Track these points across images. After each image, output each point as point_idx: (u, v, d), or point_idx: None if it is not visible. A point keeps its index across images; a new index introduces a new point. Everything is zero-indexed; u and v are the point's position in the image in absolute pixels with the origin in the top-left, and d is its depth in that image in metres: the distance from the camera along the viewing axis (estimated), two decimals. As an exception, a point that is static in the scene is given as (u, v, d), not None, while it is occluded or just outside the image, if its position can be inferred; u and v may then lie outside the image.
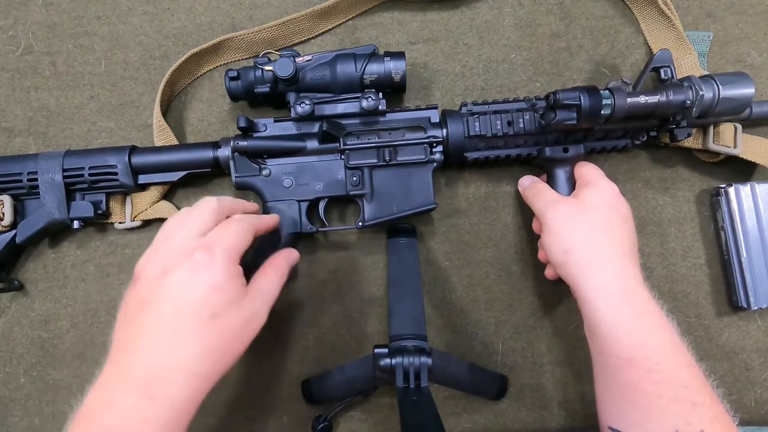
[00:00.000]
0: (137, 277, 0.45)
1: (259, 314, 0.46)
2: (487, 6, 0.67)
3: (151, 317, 0.42)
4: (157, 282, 0.43)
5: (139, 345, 0.42)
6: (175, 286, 0.42)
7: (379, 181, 0.60)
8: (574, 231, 0.53)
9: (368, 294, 0.65)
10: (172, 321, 0.42)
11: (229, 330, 0.43)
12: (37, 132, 0.67)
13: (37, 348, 0.64)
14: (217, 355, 0.43)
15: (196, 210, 0.48)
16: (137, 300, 0.43)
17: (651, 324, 0.48)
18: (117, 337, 0.44)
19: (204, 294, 0.42)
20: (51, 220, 0.60)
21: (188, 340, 0.41)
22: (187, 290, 0.42)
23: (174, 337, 0.41)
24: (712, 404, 0.45)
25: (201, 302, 0.42)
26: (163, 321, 0.42)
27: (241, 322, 0.44)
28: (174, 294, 0.42)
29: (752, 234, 0.61)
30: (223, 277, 0.43)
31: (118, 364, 0.42)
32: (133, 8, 0.68)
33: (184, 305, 0.42)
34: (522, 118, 0.58)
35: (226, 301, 0.43)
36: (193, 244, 0.44)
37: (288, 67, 0.57)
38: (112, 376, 0.42)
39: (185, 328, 0.41)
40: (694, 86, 0.54)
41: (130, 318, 0.44)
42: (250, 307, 0.45)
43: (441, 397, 0.63)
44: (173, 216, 0.49)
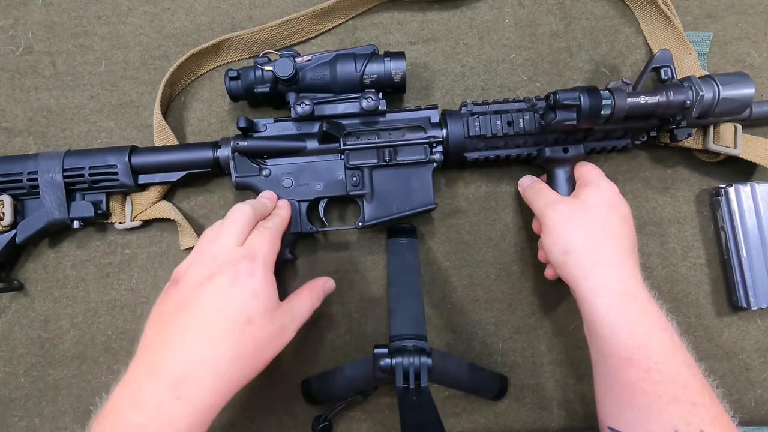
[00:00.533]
0: (177, 280, 0.47)
1: (287, 330, 0.48)
2: (487, 6, 0.67)
3: (192, 316, 0.44)
4: (201, 285, 0.45)
5: (174, 342, 0.43)
6: (218, 290, 0.45)
7: (379, 181, 0.60)
8: (574, 231, 0.53)
9: (368, 294, 0.65)
10: (211, 320, 0.44)
11: (260, 338, 0.45)
12: (37, 132, 0.67)
13: (37, 348, 0.64)
14: (245, 361, 0.45)
15: (233, 218, 0.50)
16: (177, 300, 0.46)
17: (651, 324, 0.48)
18: (149, 335, 0.45)
19: (244, 299, 0.45)
20: (51, 220, 0.60)
21: (223, 341, 0.43)
22: (230, 294, 0.45)
23: (210, 335, 0.43)
24: (711, 404, 0.45)
25: (240, 307, 0.44)
26: (203, 320, 0.44)
27: (271, 332, 0.46)
28: (217, 296, 0.45)
29: (752, 234, 0.61)
30: (262, 285, 0.46)
31: (148, 360, 0.44)
32: (133, 8, 0.68)
33: (225, 307, 0.44)
34: (522, 118, 0.58)
35: (262, 310, 0.45)
36: (235, 254, 0.47)
37: (288, 67, 0.57)
38: (140, 374, 0.43)
39: (222, 328, 0.44)
40: (694, 86, 0.54)
41: (165, 317, 0.45)
42: (281, 319, 0.47)
43: (441, 397, 0.63)
44: (212, 226, 0.52)
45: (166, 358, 0.43)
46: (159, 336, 0.45)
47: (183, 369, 0.42)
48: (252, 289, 0.45)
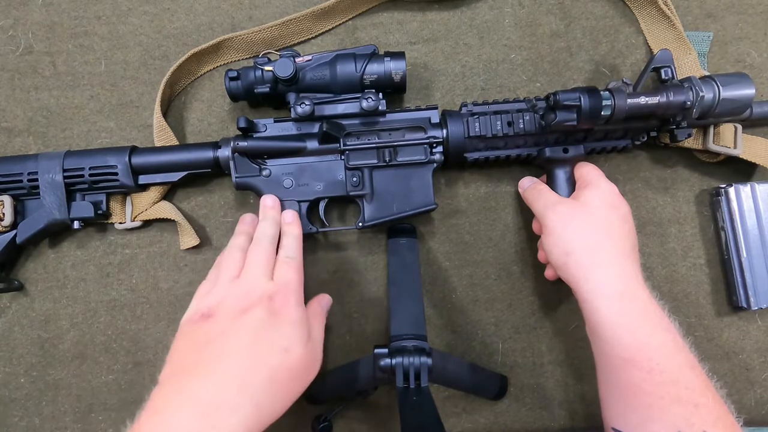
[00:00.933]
0: (211, 314, 0.47)
1: (317, 359, 0.49)
2: (487, 6, 0.67)
3: (229, 344, 0.44)
4: (237, 317, 0.46)
5: (209, 369, 0.43)
6: (255, 320, 0.46)
7: (379, 181, 0.60)
8: (575, 232, 0.53)
9: (368, 294, 0.65)
10: (250, 349, 0.44)
11: (296, 366, 0.46)
12: (37, 132, 0.67)
13: (37, 348, 0.64)
14: (280, 391, 0.44)
15: (258, 249, 0.52)
16: (214, 330, 0.45)
17: (652, 325, 0.48)
18: (177, 362, 0.45)
19: (282, 330, 0.46)
20: (51, 220, 0.60)
21: (260, 370, 0.43)
22: (268, 325, 0.46)
23: (248, 364, 0.43)
24: (714, 405, 0.45)
25: (278, 336, 0.46)
26: (240, 348, 0.44)
27: (306, 361, 0.47)
28: (254, 327, 0.45)
29: (752, 234, 0.61)
30: (298, 316, 0.48)
31: (179, 386, 0.42)
32: (133, 8, 0.68)
33: (263, 337, 0.45)
34: (522, 118, 0.58)
35: (298, 339, 0.47)
36: (268, 288, 0.48)
37: (288, 67, 0.57)
38: (169, 399, 0.42)
39: (260, 357, 0.44)
40: (695, 87, 0.54)
41: (199, 344, 0.45)
42: (313, 347, 0.49)
43: (441, 397, 0.63)
44: (229, 250, 0.53)
45: (201, 384, 0.42)
46: (192, 363, 0.44)
47: (218, 396, 0.41)
48: (289, 320, 0.47)
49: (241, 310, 0.46)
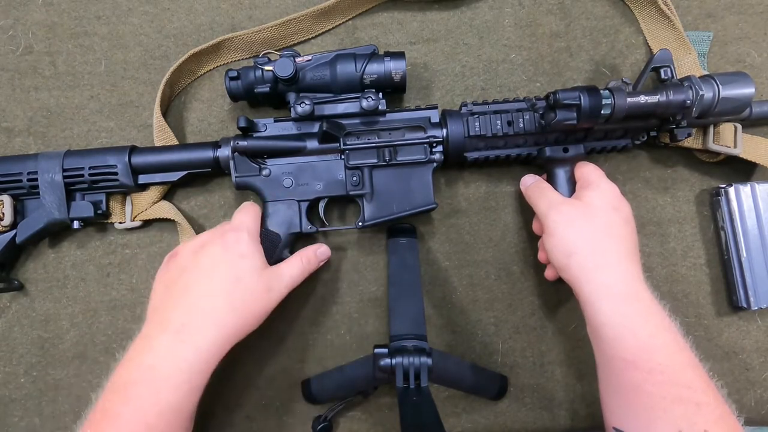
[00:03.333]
0: (175, 254, 0.55)
1: (274, 289, 0.54)
2: (487, 6, 0.67)
3: (191, 277, 0.52)
4: (196, 253, 0.53)
5: (179, 300, 0.51)
6: (211, 254, 0.53)
7: (379, 181, 0.60)
8: (577, 233, 0.53)
9: (368, 294, 0.65)
10: (207, 279, 0.51)
11: (249, 293, 0.52)
12: (37, 132, 0.67)
13: (37, 348, 0.64)
14: (238, 313, 0.51)
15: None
16: (177, 268, 0.53)
17: (654, 325, 0.48)
18: (155, 300, 0.53)
19: (233, 261, 0.52)
20: (51, 220, 0.60)
21: (218, 295, 0.51)
22: (221, 258, 0.52)
23: (207, 291, 0.51)
24: (716, 405, 0.45)
25: (230, 267, 0.52)
26: (200, 279, 0.52)
27: (260, 289, 0.52)
28: (210, 260, 0.52)
29: (752, 234, 0.61)
30: (248, 250, 0.53)
31: (157, 317, 0.51)
32: (133, 8, 0.68)
33: (217, 268, 0.52)
34: (522, 118, 0.58)
35: (249, 268, 0.52)
36: (224, 228, 0.55)
37: (288, 67, 0.57)
38: (152, 327, 0.51)
39: (216, 285, 0.51)
40: (694, 86, 0.54)
41: (168, 282, 0.53)
42: (268, 279, 0.53)
43: (441, 397, 0.63)
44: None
45: (172, 312, 0.50)
46: (165, 298, 0.52)
47: (186, 318, 0.49)
48: (239, 253, 0.53)
49: (200, 246, 0.54)
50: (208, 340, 0.49)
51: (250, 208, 0.58)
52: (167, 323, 0.50)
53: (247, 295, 0.52)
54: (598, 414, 0.53)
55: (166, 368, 0.47)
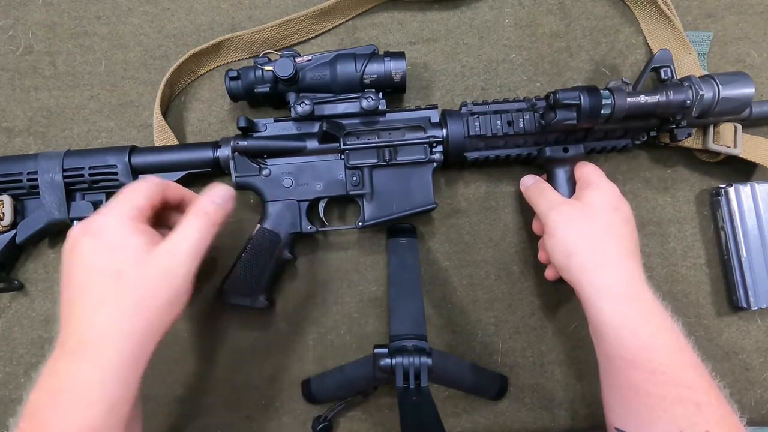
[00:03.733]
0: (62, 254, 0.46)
1: (173, 270, 0.44)
2: (487, 6, 0.67)
3: (71, 289, 0.44)
4: (69, 260, 0.44)
5: (69, 316, 0.43)
6: (80, 254, 0.44)
7: (379, 181, 0.60)
8: (578, 234, 0.53)
9: (368, 294, 0.65)
10: (83, 287, 0.43)
11: (140, 285, 0.43)
12: (37, 132, 0.67)
13: (37, 348, 0.64)
14: (136, 314, 0.43)
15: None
16: (63, 281, 0.45)
17: (656, 325, 0.48)
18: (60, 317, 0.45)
19: (101, 256, 0.43)
20: (51, 220, 0.60)
21: (100, 302, 0.42)
22: (88, 255, 0.44)
23: (88, 301, 0.43)
24: (718, 405, 0.45)
25: (101, 264, 0.43)
26: (79, 289, 0.43)
27: (152, 276, 0.43)
28: (80, 262, 0.44)
29: (752, 234, 0.61)
30: (118, 235, 0.44)
31: (60, 336, 0.44)
32: (133, 8, 0.68)
33: (88, 271, 0.43)
34: (522, 118, 0.58)
35: (125, 259, 0.43)
36: (88, 219, 0.46)
37: (288, 67, 0.57)
38: (56, 348, 0.43)
39: (95, 291, 0.43)
40: (694, 86, 0.54)
41: (62, 293, 0.45)
42: (161, 260, 0.44)
43: (441, 397, 0.63)
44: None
45: (68, 329, 0.43)
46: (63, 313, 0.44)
47: (80, 336, 0.42)
48: (107, 243, 0.43)
49: (70, 248, 0.45)
50: (113, 352, 0.42)
51: (137, 182, 0.48)
52: (65, 344, 0.43)
53: (137, 291, 0.43)
54: (598, 414, 0.53)
55: (74, 388, 0.41)
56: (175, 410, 0.63)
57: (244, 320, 0.64)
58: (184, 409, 0.63)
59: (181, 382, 0.63)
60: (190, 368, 0.63)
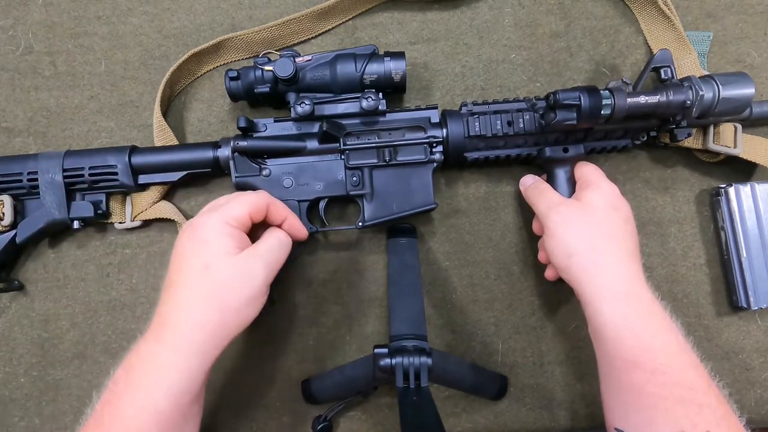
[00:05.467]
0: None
1: (254, 273, 0.48)
2: (487, 6, 0.67)
3: (170, 270, 0.49)
4: (175, 248, 0.50)
5: (162, 296, 0.48)
6: (180, 246, 0.49)
7: (379, 181, 0.60)
8: (578, 234, 0.53)
9: (368, 294, 0.65)
10: (176, 275, 0.48)
11: (221, 280, 0.47)
12: (37, 132, 0.67)
13: (37, 348, 0.64)
14: (213, 305, 0.47)
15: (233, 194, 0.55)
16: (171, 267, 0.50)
17: (656, 326, 0.48)
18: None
19: (197, 248, 0.48)
20: (51, 220, 0.60)
21: (185, 288, 0.47)
22: (186, 247, 0.49)
23: (176, 287, 0.47)
24: (718, 405, 0.45)
25: (193, 255, 0.48)
26: (172, 277, 0.48)
27: (234, 275, 0.47)
28: (179, 253, 0.49)
29: (752, 234, 0.61)
30: (213, 234, 0.48)
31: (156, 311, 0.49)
32: (133, 8, 0.68)
33: (183, 260, 0.48)
34: (522, 118, 0.58)
35: (215, 254, 0.48)
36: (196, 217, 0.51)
37: (288, 67, 0.57)
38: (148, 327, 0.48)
39: (183, 278, 0.48)
40: (694, 86, 0.54)
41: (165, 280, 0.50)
42: (244, 262, 0.48)
43: (441, 397, 0.63)
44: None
45: (156, 312, 0.48)
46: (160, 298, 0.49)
47: (164, 316, 0.47)
48: (203, 238, 0.48)
49: (178, 238, 0.50)
50: (186, 340, 0.45)
51: (249, 194, 0.52)
52: (152, 322, 0.48)
53: (219, 284, 0.47)
54: (598, 414, 0.53)
55: (146, 369, 0.45)
56: (175, 410, 0.63)
57: (244, 320, 0.64)
58: (184, 409, 0.63)
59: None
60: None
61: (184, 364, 0.45)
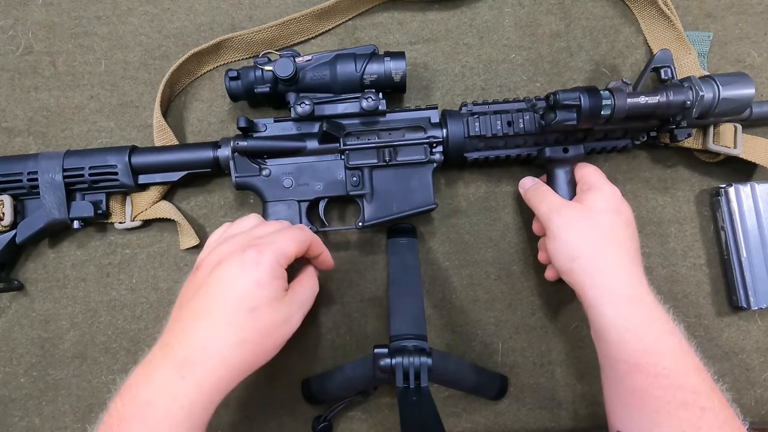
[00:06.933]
0: (198, 267, 0.49)
1: (293, 318, 0.48)
2: (487, 6, 0.67)
3: (200, 302, 0.45)
4: (211, 272, 0.46)
5: (185, 326, 0.45)
6: (224, 277, 0.45)
7: (379, 181, 0.60)
8: (580, 237, 0.52)
9: (368, 294, 0.65)
10: (215, 308, 0.45)
11: (264, 326, 0.45)
12: (37, 132, 0.67)
13: (37, 348, 0.64)
14: (249, 348, 0.45)
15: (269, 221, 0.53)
16: (193, 286, 0.47)
17: (659, 329, 0.48)
18: (170, 320, 0.47)
19: (247, 288, 0.45)
20: (51, 220, 0.60)
21: (225, 328, 0.44)
22: (234, 282, 0.45)
23: (214, 322, 0.44)
24: (721, 408, 0.45)
25: (243, 295, 0.45)
26: (208, 307, 0.45)
27: (277, 321, 0.46)
28: (222, 284, 0.45)
29: (752, 234, 0.61)
30: (267, 276, 0.46)
31: (164, 342, 0.45)
32: (133, 8, 0.68)
33: (228, 295, 0.45)
34: (522, 118, 0.58)
35: (266, 299, 0.45)
36: (248, 242, 0.47)
37: (288, 67, 0.57)
38: (156, 354, 0.45)
39: (225, 316, 0.44)
40: (694, 87, 0.54)
41: (183, 302, 0.47)
42: (287, 309, 0.47)
43: (441, 397, 0.63)
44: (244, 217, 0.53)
45: (177, 340, 0.44)
46: (175, 320, 0.46)
47: (188, 352, 0.43)
48: (256, 279, 0.45)
49: (217, 262, 0.46)
50: (212, 377, 0.43)
51: (296, 230, 0.50)
52: (171, 354, 0.44)
53: (262, 329, 0.45)
54: (599, 414, 0.53)
55: (164, 405, 0.42)
56: (175, 410, 0.63)
57: (244, 320, 0.64)
58: (184, 409, 0.63)
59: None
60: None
61: (207, 403, 0.44)
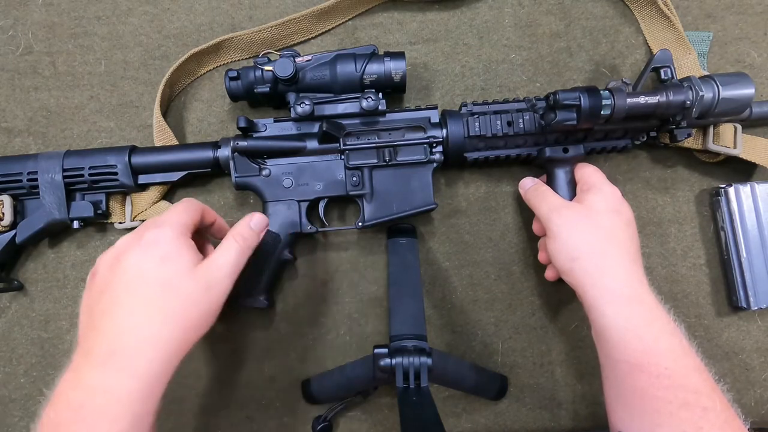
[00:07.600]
0: (94, 273, 0.47)
1: (216, 284, 0.47)
2: (487, 6, 0.67)
3: (109, 297, 0.45)
4: (113, 267, 0.46)
5: (100, 325, 0.44)
6: (129, 267, 0.45)
7: (379, 181, 0.60)
8: (581, 237, 0.52)
9: (368, 294, 0.65)
10: (127, 297, 0.44)
11: (184, 297, 0.45)
12: (37, 132, 0.67)
13: (37, 348, 0.64)
14: (175, 322, 0.44)
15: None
16: (97, 289, 0.46)
17: (659, 329, 0.48)
18: (81, 327, 0.46)
19: (155, 267, 0.45)
20: (51, 220, 0.60)
21: (142, 309, 0.44)
22: (140, 267, 0.45)
23: (129, 309, 0.44)
24: (722, 409, 0.45)
25: (151, 273, 0.45)
26: (118, 299, 0.44)
27: (197, 289, 0.45)
28: (129, 273, 0.45)
29: (752, 234, 0.61)
30: (172, 248, 0.46)
31: (82, 347, 0.44)
32: (133, 8, 0.68)
33: (138, 278, 0.44)
34: (522, 118, 0.58)
35: (177, 270, 0.45)
36: (140, 231, 0.47)
37: (288, 67, 0.57)
38: (78, 360, 0.44)
39: (139, 299, 0.44)
40: (694, 87, 0.54)
41: (91, 306, 0.46)
42: (206, 275, 0.46)
43: (441, 397, 0.63)
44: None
45: (96, 339, 0.43)
46: (88, 324, 0.45)
47: (113, 345, 0.43)
48: (160, 255, 0.45)
49: (116, 258, 0.46)
50: (143, 362, 0.42)
51: (183, 202, 0.51)
52: (92, 354, 0.43)
53: (182, 301, 0.45)
54: (599, 414, 0.53)
55: (99, 403, 0.41)
56: (175, 410, 0.63)
57: (244, 320, 0.64)
58: (184, 409, 0.63)
59: (181, 383, 0.63)
60: (190, 368, 0.63)
61: (147, 389, 0.42)
